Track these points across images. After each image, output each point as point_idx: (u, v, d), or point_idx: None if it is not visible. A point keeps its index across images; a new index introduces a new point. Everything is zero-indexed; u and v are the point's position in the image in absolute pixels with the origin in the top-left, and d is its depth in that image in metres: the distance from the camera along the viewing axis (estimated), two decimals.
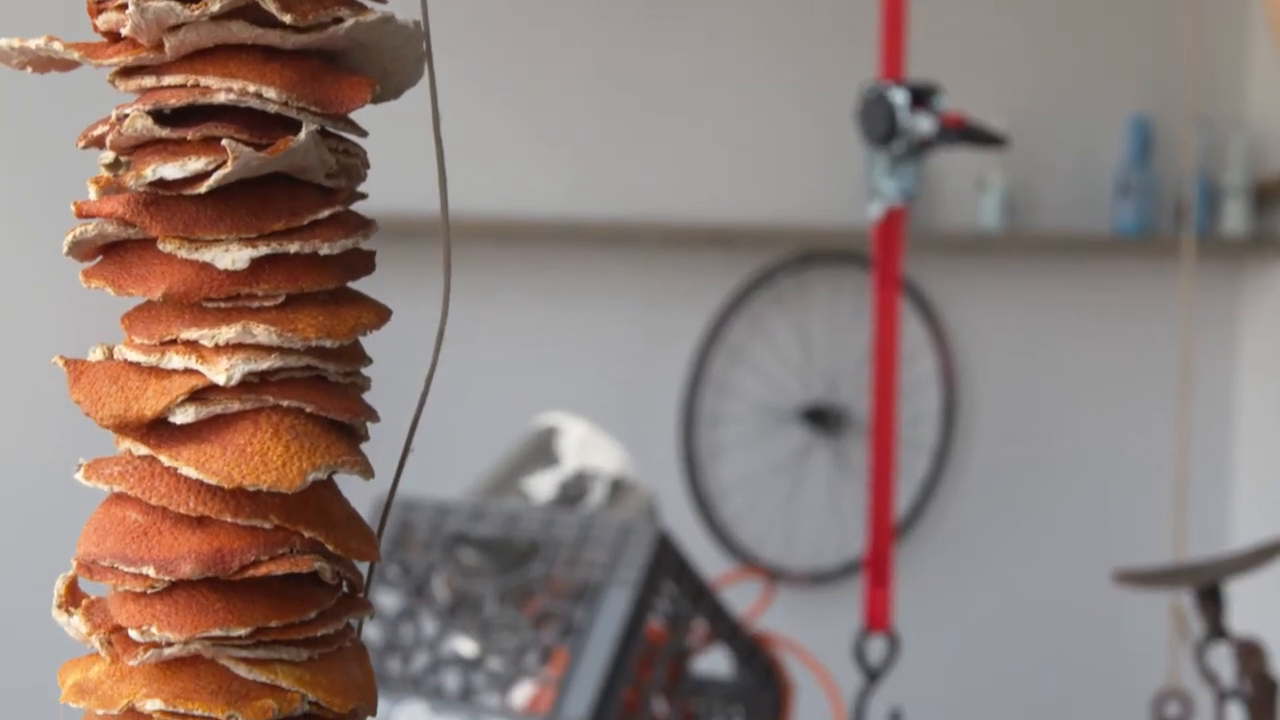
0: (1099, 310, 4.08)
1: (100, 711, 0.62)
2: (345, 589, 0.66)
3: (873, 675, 1.91)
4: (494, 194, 3.52)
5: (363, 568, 0.67)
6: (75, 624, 0.63)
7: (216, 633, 0.61)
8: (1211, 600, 1.89)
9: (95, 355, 0.64)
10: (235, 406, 0.62)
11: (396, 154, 1.91)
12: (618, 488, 2.32)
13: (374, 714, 0.66)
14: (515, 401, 3.31)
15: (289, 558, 0.62)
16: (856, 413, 3.72)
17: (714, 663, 2.44)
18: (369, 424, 0.66)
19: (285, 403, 0.63)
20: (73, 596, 0.65)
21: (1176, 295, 3.80)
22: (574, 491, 2.31)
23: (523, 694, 2.12)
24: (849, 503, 3.73)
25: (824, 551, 3.73)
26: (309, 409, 0.63)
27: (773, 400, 3.73)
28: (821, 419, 3.73)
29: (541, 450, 2.34)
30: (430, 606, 2.19)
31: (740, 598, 2.62)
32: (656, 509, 2.37)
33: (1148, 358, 4.07)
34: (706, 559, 3.43)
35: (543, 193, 3.63)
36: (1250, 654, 1.86)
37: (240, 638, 0.62)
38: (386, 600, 2.22)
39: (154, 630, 0.61)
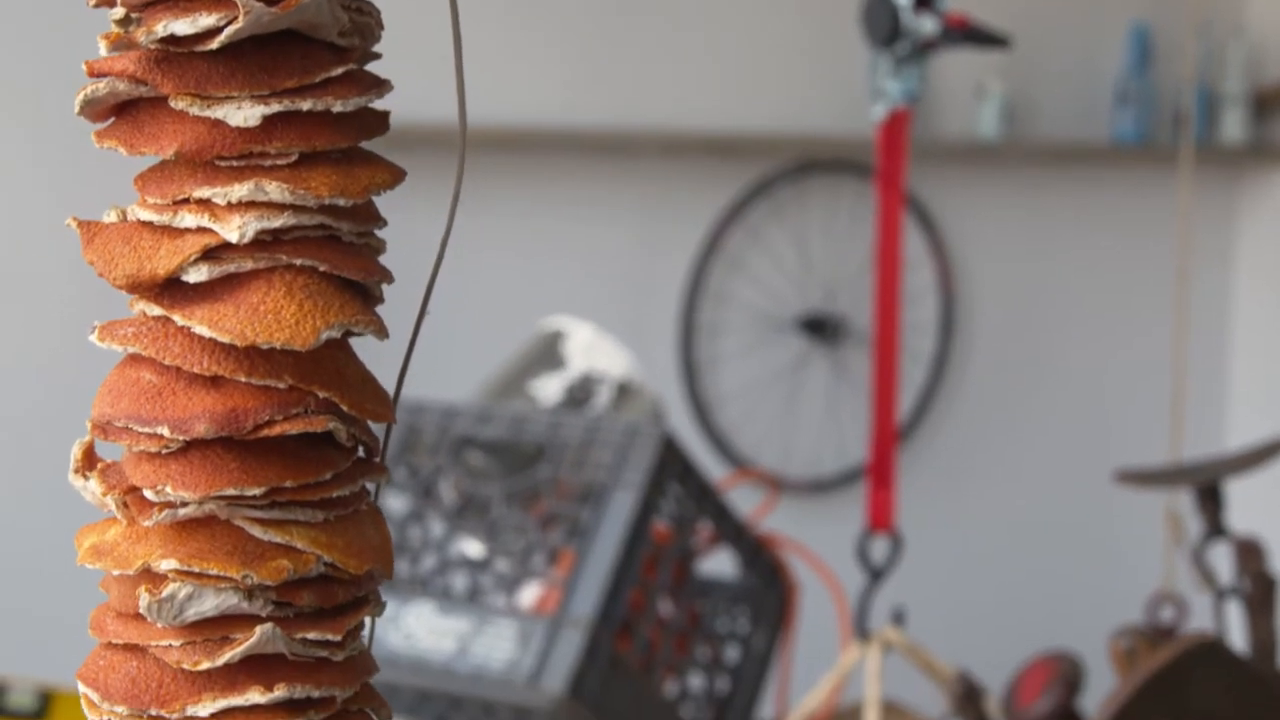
0: (1097, 218, 4.07)
1: (116, 572, 0.63)
2: (361, 453, 0.66)
3: (876, 574, 1.92)
4: (492, 103, 3.51)
5: (379, 431, 0.67)
6: (91, 487, 0.64)
7: (231, 492, 0.61)
8: (1211, 499, 1.90)
9: (109, 217, 0.65)
10: (248, 265, 0.62)
11: (392, 63, 1.91)
12: (623, 391, 2.33)
13: (390, 577, 0.66)
14: (517, 308, 3.32)
15: (303, 417, 0.62)
16: (854, 322, 3.73)
17: (719, 564, 2.46)
18: (383, 285, 0.66)
19: (298, 261, 0.63)
20: (89, 461, 0.65)
21: (1174, 203, 3.79)
22: (580, 394, 2.32)
23: (529, 594, 2.13)
24: (847, 411, 3.74)
25: (822, 460, 3.74)
26: (322, 268, 0.63)
27: (771, 309, 3.74)
28: (819, 328, 3.73)
29: (547, 353, 2.34)
30: (438, 508, 2.20)
31: (742, 504, 2.63)
32: (662, 412, 2.38)
33: (1145, 265, 4.07)
34: (705, 467, 3.45)
35: (540, 102, 3.62)
36: (1249, 552, 1.87)
37: (255, 498, 0.62)
38: (394, 503, 2.24)
39: (168, 490, 0.62)
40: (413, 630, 2.08)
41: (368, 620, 0.67)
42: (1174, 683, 1.50)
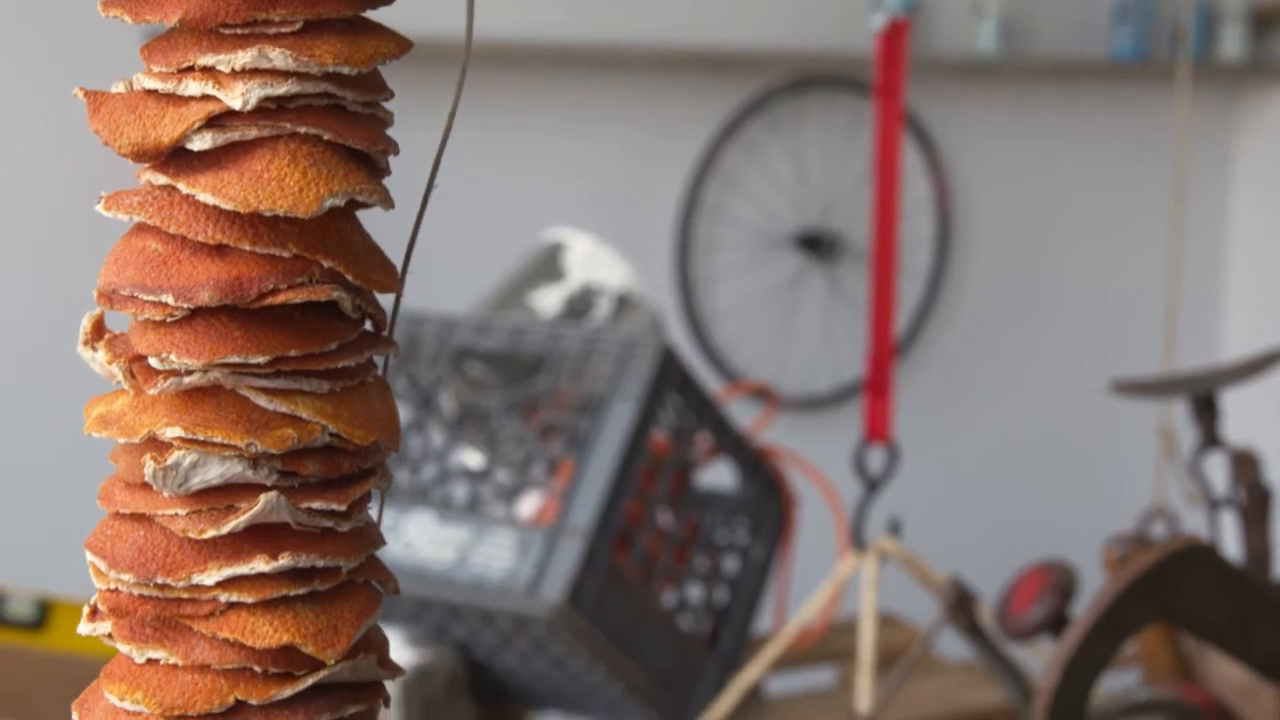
0: (1095, 135, 4.07)
1: (122, 440, 0.63)
2: (369, 326, 0.66)
3: (872, 485, 1.93)
4: (489, 18, 3.50)
5: (386, 304, 0.67)
6: (99, 357, 0.64)
7: (235, 360, 0.61)
8: (1206, 409, 1.90)
9: (117, 88, 0.65)
10: (252, 133, 0.62)
11: None
12: (623, 303, 2.33)
13: (396, 449, 0.67)
14: (515, 222, 3.32)
15: (308, 286, 0.62)
16: (851, 239, 3.73)
17: (718, 476, 2.47)
18: (388, 156, 0.66)
19: (303, 129, 0.62)
20: (97, 333, 0.65)
21: (1172, 120, 3.79)
22: (579, 306, 2.32)
23: (529, 505, 2.14)
24: (843, 328, 3.75)
25: (818, 376, 3.75)
26: (326, 136, 0.63)
27: (767, 226, 3.73)
28: (816, 245, 3.73)
29: (547, 265, 2.34)
30: (438, 419, 2.21)
31: (740, 418, 2.64)
32: (661, 324, 2.38)
33: (1143, 182, 4.07)
34: (701, 382, 3.45)
35: (537, 17, 3.60)
36: (1245, 463, 1.87)
37: (259, 366, 0.62)
38: None
39: (173, 357, 0.62)
40: (413, 539, 2.09)
41: (375, 494, 0.67)
42: (1161, 584, 1.50)
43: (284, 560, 0.62)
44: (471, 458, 2.19)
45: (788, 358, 3.74)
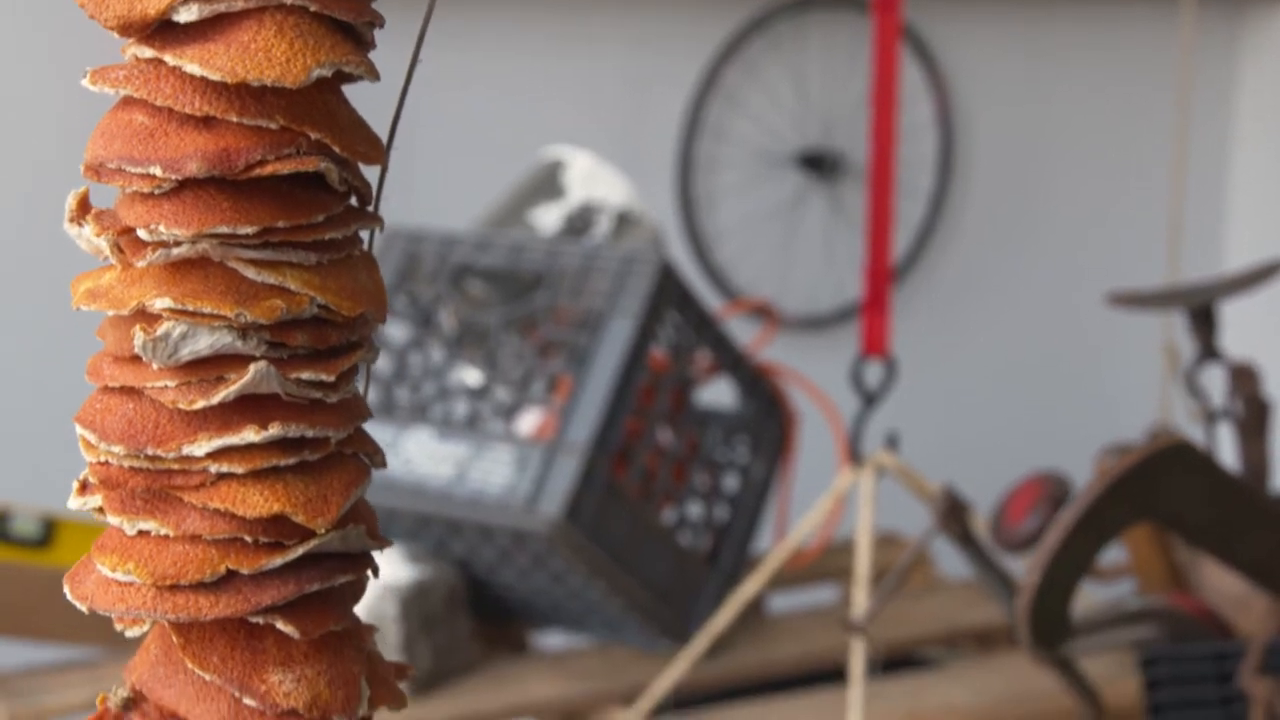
0: (1099, 54, 4.05)
1: (111, 313, 0.64)
2: (354, 201, 0.67)
3: (870, 399, 1.93)
4: None
5: (372, 179, 0.68)
6: (86, 233, 0.65)
7: (223, 230, 0.62)
8: (1204, 321, 1.90)
9: None
10: (239, 5, 0.62)
11: None
12: (623, 220, 2.33)
13: (383, 321, 0.67)
14: (514, 140, 3.31)
15: (295, 158, 0.63)
16: (853, 158, 3.72)
17: (718, 394, 2.48)
18: (375, 28, 0.66)
19: (289, 1, 0.62)
20: (83, 209, 0.66)
21: (1177, 40, 3.77)
22: (579, 224, 2.33)
23: (528, 421, 2.15)
24: (844, 249, 3.74)
25: (818, 296, 3.75)
26: (313, 8, 0.62)
27: (769, 146, 3.72)
28: (817, 164, 3.72)
29: (547, 183, 2.35)
30: (437, 336, 2.22)
31: (739, 337, 2.64)
32: (662, 241, 2.38)
33: (1146, 102, 4.06)
34: (701, 299, 3.46)
35: None
36: (1243, 376, 1.88)
37: (247, 237, 0.62)
38: (394, 331, 2.25)
39: (161, 228, 0.62)
40: (411, 456, 2.10)
41: (361, 368, 0.68)
42: (1144, 484, 1.51)
43: (274, 430, 0.63)
44: (470, 375, 2.20)
45: (789, 277, 3.74)
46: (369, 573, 0.68)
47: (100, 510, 0.66)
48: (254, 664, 0.65)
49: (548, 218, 2.34)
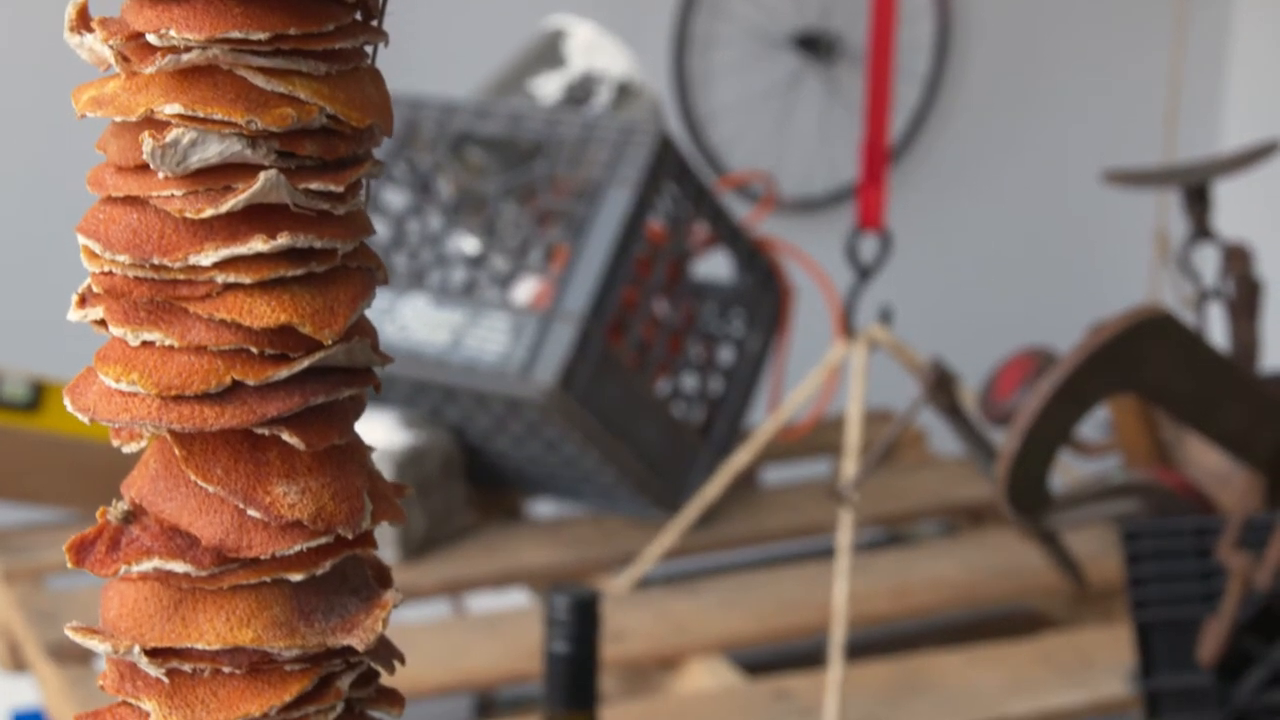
0: None
1: (118, 119, 0.64)
2: (360, 15, 0.67)
3: (864, 273, 1.94)
4: None
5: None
6: (89, 41, 0.64)
7: (235, 35, 0.61)
8: (1199, 200, 1.90)
9: None
10: None
11: None
12: (623, 91, 2.33)
13: (389, 134, 0.67)
14: (514, 9, 3.29)
15: None
16: (850, 40, 3.71)
17: (715, 266, 2.48)
18: None
19: None
20: (83, 19, 0.65)
21: None
22: (580, 94, 2.32)
23: (525, 290, 2.16)
24: (839, 131, 3.73)
25: (813, 179, 3.75)
26: None
27: (765, 24, 3.71)
28: (814, 46, 3.71)
29: (548, 52, 2.34)
30: (435, 204, 2.22)
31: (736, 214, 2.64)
32: (661, 113, 2.37)
33: None
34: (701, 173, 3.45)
35: None
36: (1236, 255, 1.88)
37: (259, 43, 0.62)
38: (393, 198, 2.25)
39: (172, 33, 0.62)
40: (408, 322, 2.11)
41: (363, 184, 0.68)
42: (1125, 353, 1.51)
43: (282, 240, 0.63)
44: (468, 243, 2.20)
45: (783, 160, 3.73)
46: (372, 388, 0.69)
47: (101, 322, 0.66)
48: (258, 476, 0.66)
49: (548, 87, 2.33)
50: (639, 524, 2.17)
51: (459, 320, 2.07)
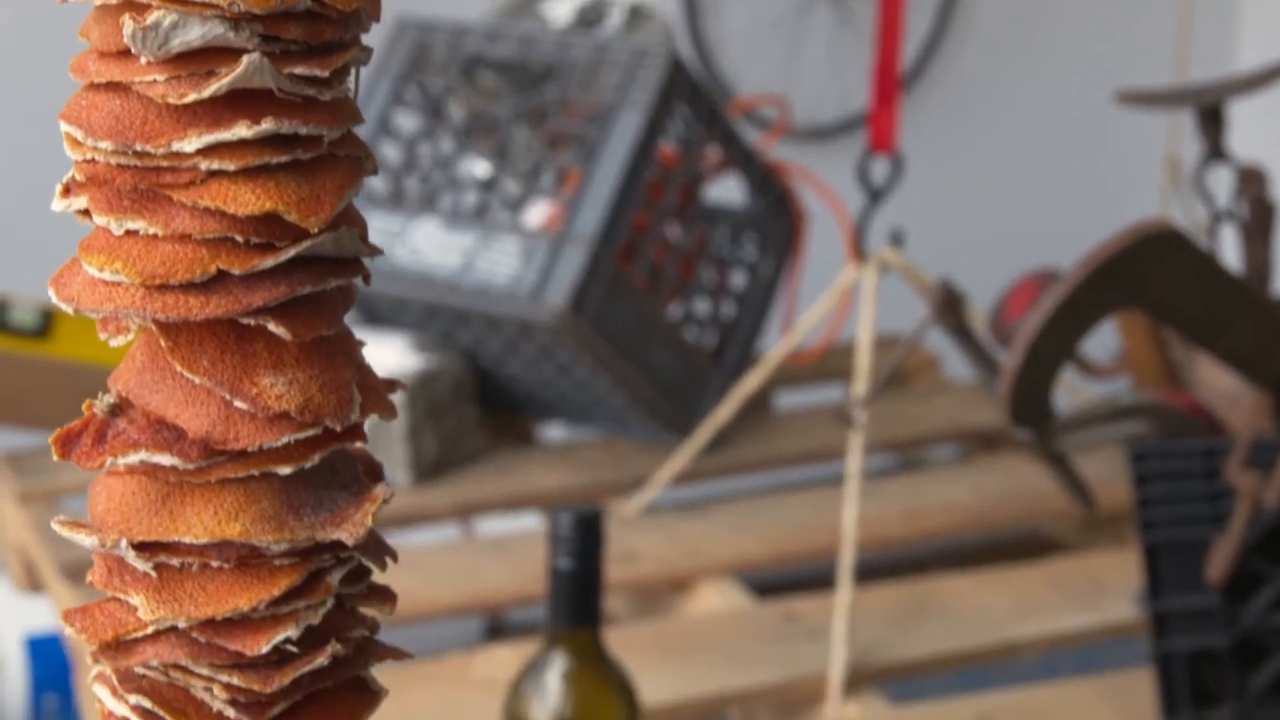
0: None
1: (100, 2, 0.63)
2: None
3: (875, 195, 1.92)
4: None
5: None
6: None
7: None
8: (1213, 121, 1.89)
9: None
10: None
11: None
12: (634, 14, 2.31)
13: (377, 19, 0.66)
14: None
15: None
16: None
17: (727, 191, 2.47)
18: None
19: None
20: None
21: None
22: (591, 16, 2.31)
23: (536, 214, 2.15)
24: (850, 58, 3.71)
25: (824, 107, 3.72)
26: None
27: None
28: None
29: None
30: (447, 127, 2.21)
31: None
32: (673, 37, 2.36)
33: None
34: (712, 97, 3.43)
35: None
36: (1250, 177, 1.86)
37: None
38: (404, 121, 2.24)
39: None
40: (419, 246, 2.10)
41: (354, 71, 0.67)
42: (1129, 268, 1.50)
43: (266, 125, 0.62)
44: (479, 166, 2.19)
45: (794, 88, 3.70)
46: (361, 278, 0.68)
47: (85, 212, 0.66)
48: (244, 367, 0.65)
49: (559, 10, 2.32)
50: (651, 448, 2.17)
51: (470, 243, 2.06)
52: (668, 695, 1.69)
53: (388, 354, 2.08)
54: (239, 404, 0.65)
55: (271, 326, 0.65)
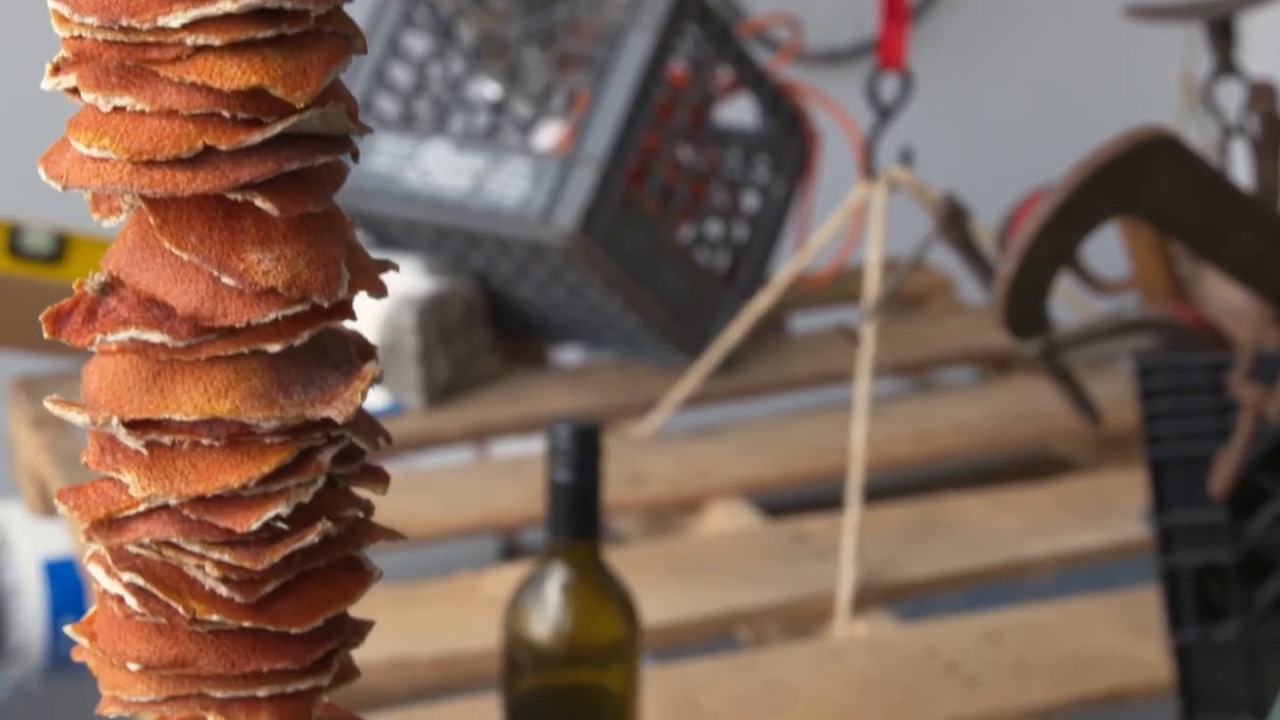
0: None
1: None
2: None
3: (884, 113, 1.92)
4: None
5: None
6: None
7: None
8: (1224, 35, 1.87)
9: None
10: None
11: None
12: None
13: None
14: None
15: None
16: None
17: (739, 112, 2.46)
18: None
19: None
20: None
21: None
22: None
23: (547, 135, 2.15)
24: None
25: (837, 30, 3.71)
26: None
27: None
28: None
29: None
30: (457, 48, 2.20)
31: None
32: None
33: None
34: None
35: None
36: (1261, 92, 1.85)
37: None
38: (414, 42, 2.23)
39: None
40: (429, 168, 2.10)
41: None
42: (1127, 174, 1.48)
43: None
44: (490, 88, 2.19)
45: (808, 8, 3.68)
46: (349, 159, 0.68)
47: (74, 90, 0.66)
48: (232, 243, 0.66)
49: None
50: (664, 371, 2.17)
51: (480, 165, 2.06)
52: (677, 614, 1.69)
53: (399, 277, 2.08)
54: (226, 280, 0.66)
55: (259, 202, 0.65)
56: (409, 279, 2.08)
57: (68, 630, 0.72)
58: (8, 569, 2.22)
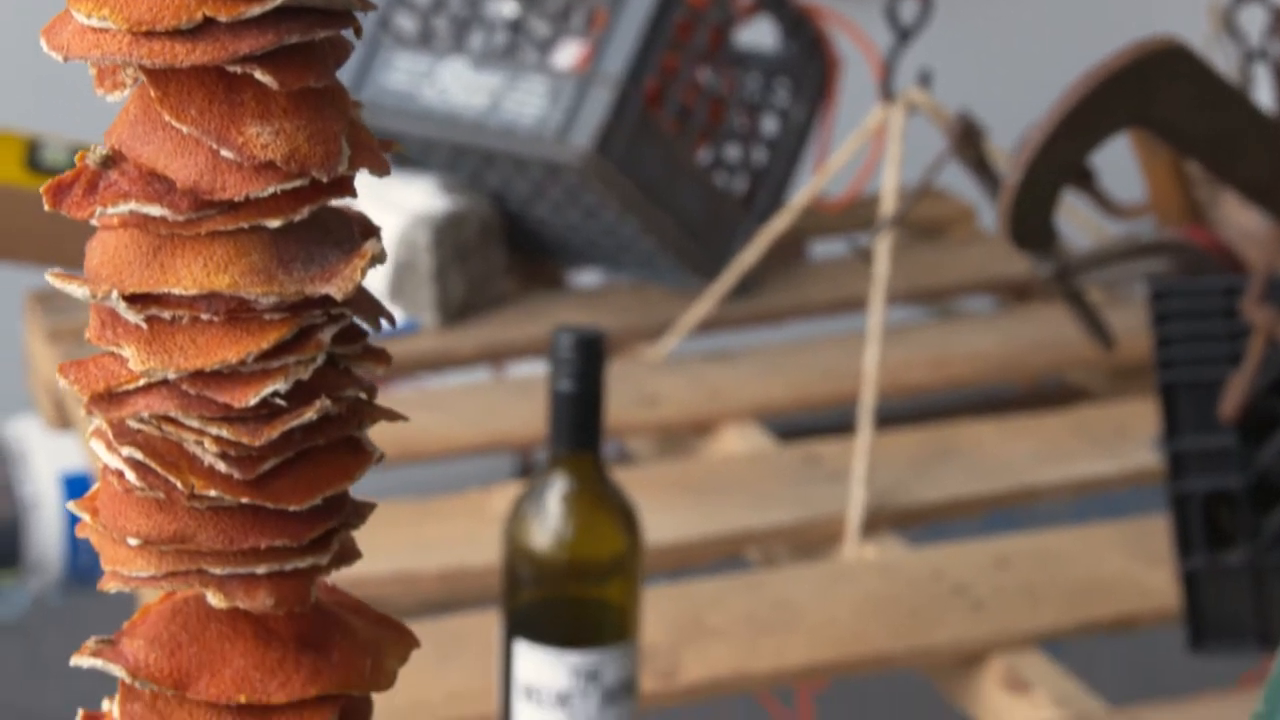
0: None
1: None
2: None
3: (904, 34, 1.90)
4: None
5: None
6: None
7: None
8: None
9: None
10: None
11: None
12: None
13: None
14: None
15: None
16: None
17: (760, 35, 2.44)
18: None
19: None
20: None
21: None
22: None
23: (566, 55, 2.14)
24: None
25: None
26: None
27: None
28: None
29: None
30: None
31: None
32: None
33: None
34: None
35: None
36: None
37: None
38: None
39: None
40: (447, 86, 2.09)
41: None
42: (1135, 85, 1.47)
43: None
44: (508, 6, 2.18)
45: None
46: (351, 34, 0.68)
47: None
48: (232, 116, 0.66)
49: None
50: (681, 294, 2.16)
51: (498, 84, 2.06)
52: (688, 533, 1.70)
53: (414, 196, 2.08)
54: (226, 153, 0.66)
55: (259, 75, 0.65)
56: (425, 197, 2.08)
57: (70, 506, 0.72)
58: (26, 482, 2.23)
